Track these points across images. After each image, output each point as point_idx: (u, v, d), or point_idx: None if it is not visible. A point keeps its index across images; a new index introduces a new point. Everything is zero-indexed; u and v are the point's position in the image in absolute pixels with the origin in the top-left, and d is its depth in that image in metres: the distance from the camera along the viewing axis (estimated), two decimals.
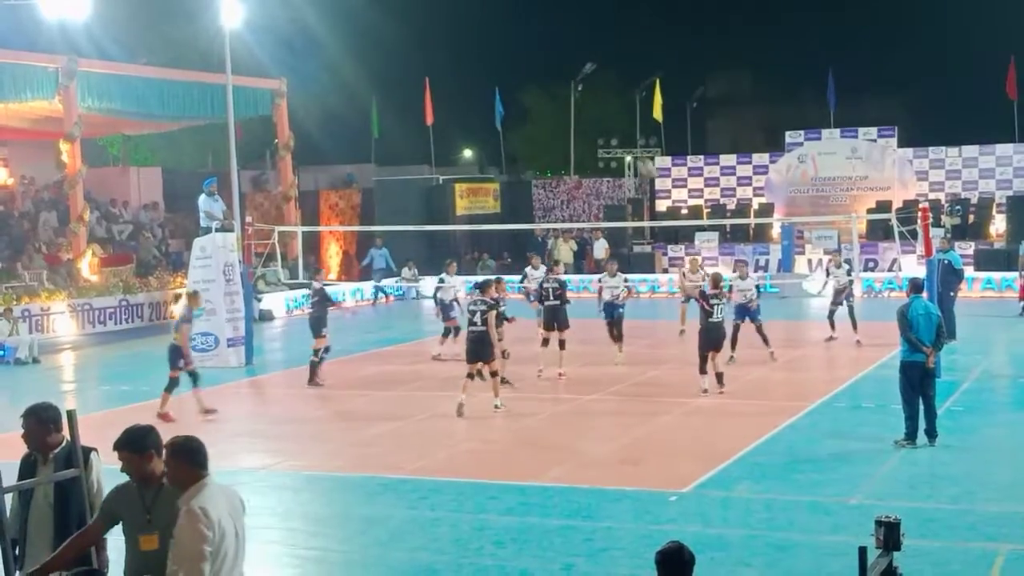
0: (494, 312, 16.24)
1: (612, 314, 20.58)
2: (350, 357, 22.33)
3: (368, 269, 36.02)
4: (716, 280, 18.00)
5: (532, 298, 22.19)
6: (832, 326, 22.51)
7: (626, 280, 21.93)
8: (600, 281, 21.56)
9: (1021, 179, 36.48)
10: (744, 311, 20.43)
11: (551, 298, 19.28)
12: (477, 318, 16.14)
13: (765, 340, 20.24)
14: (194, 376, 16.78)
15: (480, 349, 16.12)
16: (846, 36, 57.44)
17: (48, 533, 6.76)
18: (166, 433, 6.38)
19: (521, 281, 24.35)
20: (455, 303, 22.23)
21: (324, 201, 40.94)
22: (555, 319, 19.24)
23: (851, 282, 22.94)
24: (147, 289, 29.77)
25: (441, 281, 22.83)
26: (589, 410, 16.65)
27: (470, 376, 16.22)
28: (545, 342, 19.23)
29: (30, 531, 6.83)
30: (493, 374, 16.32)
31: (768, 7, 61.25)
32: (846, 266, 23.07)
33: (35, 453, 6.93)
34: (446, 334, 21.48)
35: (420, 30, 59.04)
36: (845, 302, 22.44)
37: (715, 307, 17.24)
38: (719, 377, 17.19)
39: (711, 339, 17.18)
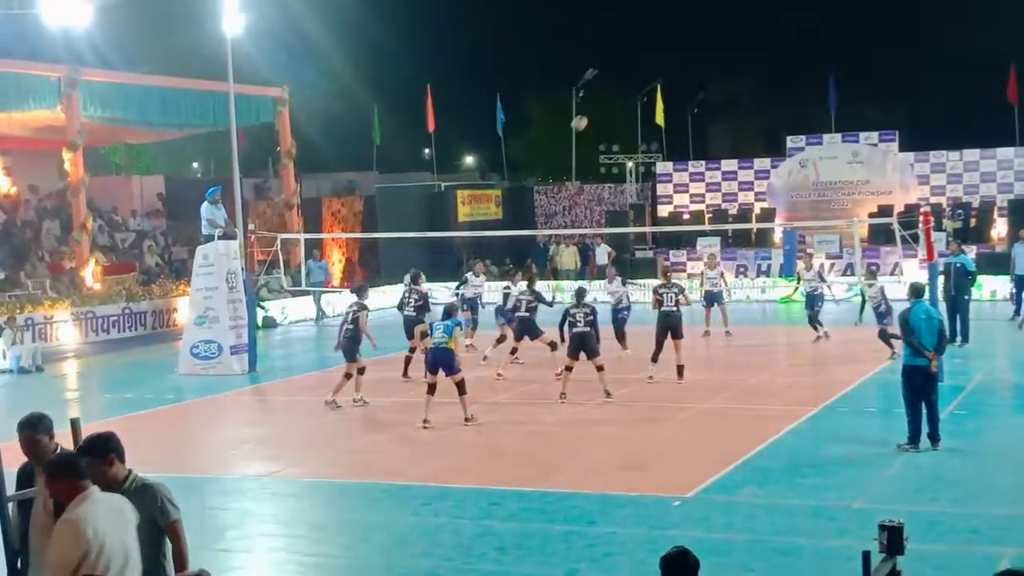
0: (365, 312, 17.58)
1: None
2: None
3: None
4: (664, 271, 20.59)
5: (465, 307, 22.64)
6: (815, 328, 22.67)
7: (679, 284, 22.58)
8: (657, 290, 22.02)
9: (1022, 183, 36.51)
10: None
11: (523, 310, 19.92)
12: (350, 318, 17.50)
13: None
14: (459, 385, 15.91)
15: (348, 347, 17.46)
16: (846, 40, 57.44)
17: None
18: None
19: (458, 287, 24.51)
20: (478, 299, 23.65)
21: (326, 208, 40.99)
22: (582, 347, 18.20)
23: (821, 285, 23.19)
24: (150, 297, 29.81)
25: (464, 282, 24.04)
26: (591, 416, 16.63)
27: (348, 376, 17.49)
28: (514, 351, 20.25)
29: (32, 541, 6.81)
30: (352, 373, 17.41)
31: (768, 12, 61.27)
32: (815, 267, 23.75)
33: (31, 463, 6.92)
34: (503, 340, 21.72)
35: (421, 37, 59.17)
36: (814, 307, 22.62)
37: (664, 296, 18.70)
38: (679, 370, 18.41)
39: (662, 326, 18.64)
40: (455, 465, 13.83)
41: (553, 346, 19.39)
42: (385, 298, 34.43)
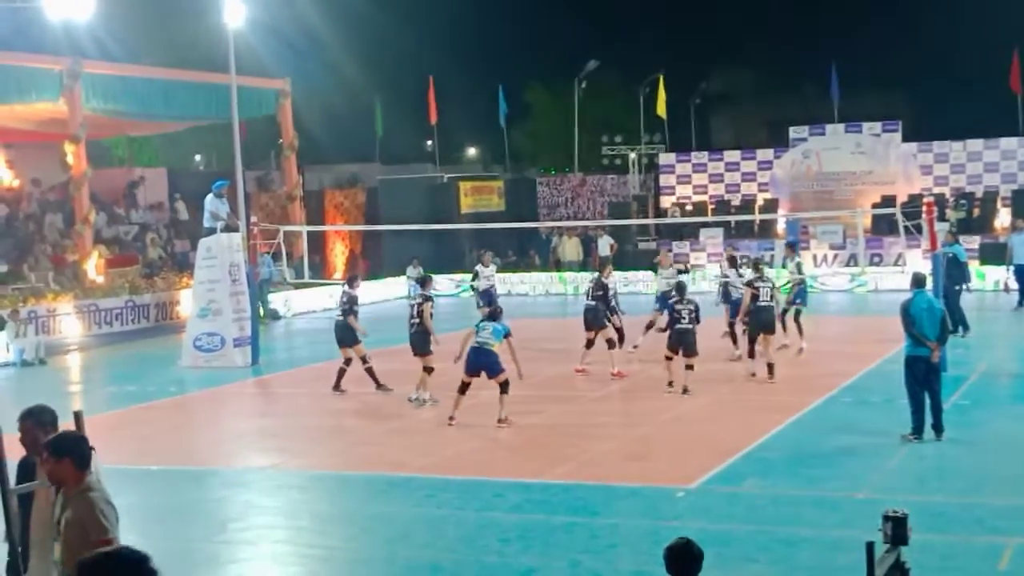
0: (429, 304, 16.91)
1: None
2: None
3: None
4: (756, 264, 18.92)
5: (481, 303, 22.47)
6: (784, 328, 20.36)
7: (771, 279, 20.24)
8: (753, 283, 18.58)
9: None
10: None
11: (684, 320, 17.03)
12: (414, 311, 16.86)
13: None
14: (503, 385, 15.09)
15: (417, 342, 16.79)
16: (849, 30, 57.29)
17: (53, 534, 6.74)
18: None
19: (473, 280, 24.36)
20: (492, 291, 23.30)
21: (329, 200, 41.00)
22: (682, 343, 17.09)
23: (803, 279, 21.40)
24: (153, 290, 29.83)
25: (475, 275, 23.99)
26: (594, 407, 16.65)
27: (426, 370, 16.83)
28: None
29: (33, 535, 6.78)
30: (427, 369, 16.71)
31: (770, 2, 61.12)
32: (797, 259, 21.83)
33: (33, 456, 6.88)
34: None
35: (423, 29, 59.06)
36: (793, 305, 20.74)
37: (760, 290, 17.75)
38: (770, 368, 17.48)
39: (760, 321, 17.66)
40: (458, 457, 13.82)
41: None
42: (387, 290, 34.53)
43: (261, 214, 32.37)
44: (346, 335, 17.94)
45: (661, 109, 45.34)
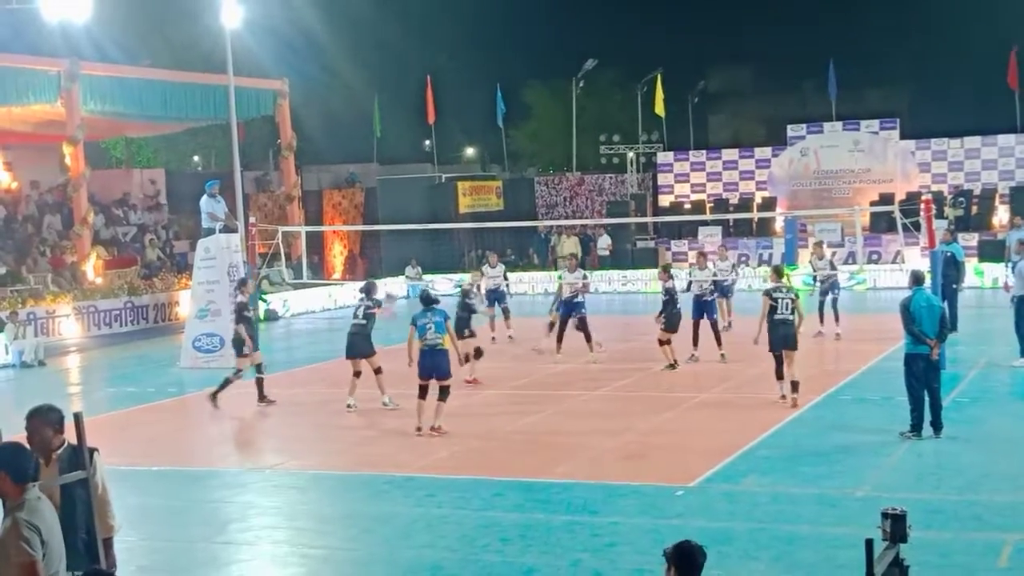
0: (379, 309, 16.78)
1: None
2: None
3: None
4: (778, 272, 16.71)
5: (487, 302, 22.57)
6: (821, 319, 22.23)
7: (585, 276, 22.61)
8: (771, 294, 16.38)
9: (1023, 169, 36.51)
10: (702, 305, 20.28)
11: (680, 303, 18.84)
12: (360, 312, 16.64)
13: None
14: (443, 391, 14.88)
15: (360, 344, 16.56)
16: (847, 28, 57.34)
17: (56, 536, 6.74)
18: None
19: (480, 279, 24.42)
20: (500, 290, 23.50)
21: (327, 201, 41.01)
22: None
23: (835, 274, 22.91)
24: (152, 291, 29.83)
25: (482, 275, 23.84)
26: (593, 407, 16.65)
27: (356, 375, 16.68)
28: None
29: None
30: (377, 371, 16.52)
31: (768, 0, 61.11)
32: (828, 256, 23.32)
33: (38, 456, 6.88)
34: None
35: (421, 29, 59.04)
36: (830, 294, 22.29)
37: (779, 301, 15.62)
38: (794, 385, 15.58)
39: (780, 337, 15.56)
40: (458, 457, 13.82)
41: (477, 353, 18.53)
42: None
43: (259, 214, 32.40)
44: (239, 345, 17.59)
45: (659, 108, 45.34)
